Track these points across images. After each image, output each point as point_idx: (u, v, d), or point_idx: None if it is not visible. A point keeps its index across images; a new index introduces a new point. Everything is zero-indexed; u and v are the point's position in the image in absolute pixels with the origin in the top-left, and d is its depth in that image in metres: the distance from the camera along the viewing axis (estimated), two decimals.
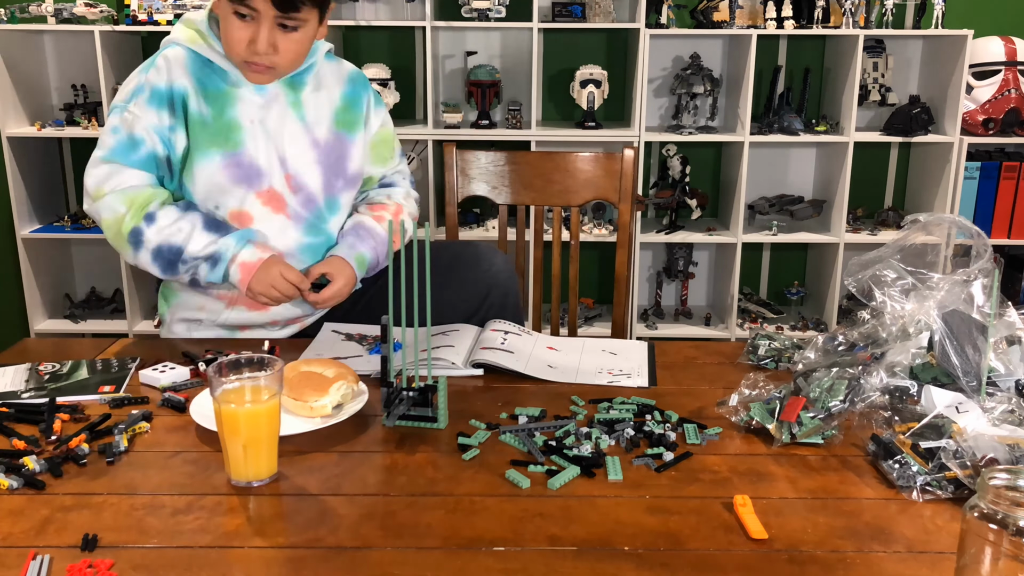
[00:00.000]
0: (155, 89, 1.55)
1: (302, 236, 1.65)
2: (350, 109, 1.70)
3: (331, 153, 1.67)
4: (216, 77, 1.58)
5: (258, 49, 1.48)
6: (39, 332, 3.14)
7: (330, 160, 1.66)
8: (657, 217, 3.31)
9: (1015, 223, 3.05)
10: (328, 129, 1.67)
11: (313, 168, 1.65)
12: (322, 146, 1.66)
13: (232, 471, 1.07)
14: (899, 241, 1.31)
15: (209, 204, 1.60)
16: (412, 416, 1.24)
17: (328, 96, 1.68)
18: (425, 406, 1.23)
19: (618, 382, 1.39)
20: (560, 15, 3.00)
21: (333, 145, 1.67)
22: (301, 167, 1.64)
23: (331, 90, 1.69)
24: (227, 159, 1.57)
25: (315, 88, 1.66)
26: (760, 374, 1.30)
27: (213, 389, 1.06)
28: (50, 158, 3.28)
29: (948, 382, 1.22)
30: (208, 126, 1.55)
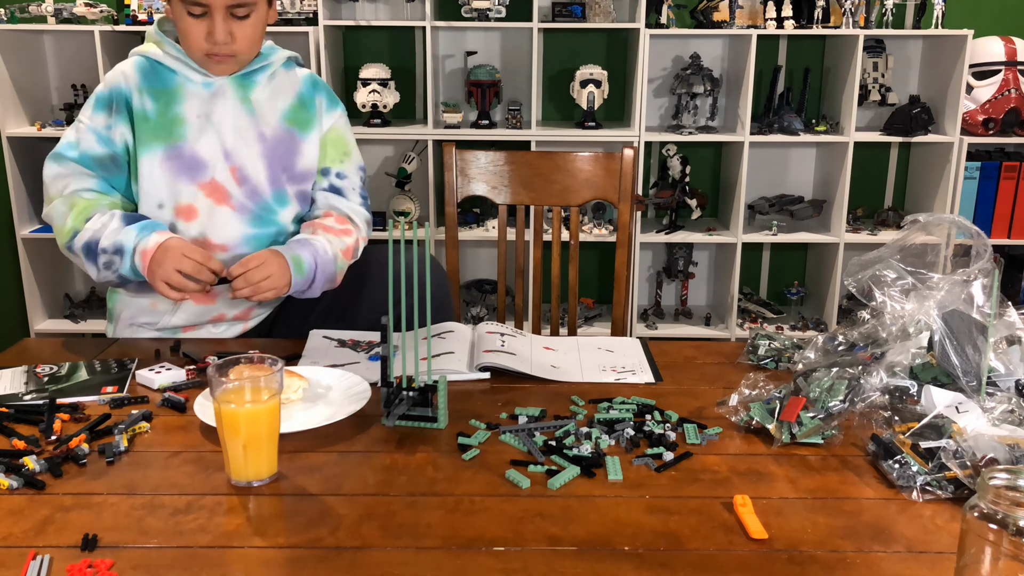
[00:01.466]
0: (98, 96, 1.64)
1: (248, 227, 1.67)
2: (303, 108, 1.72)
3: (278, 147, 1.68)
4: (164, 76, 1.63)
5: (217, 39, 1.54)
6: (39, 332, 3.14)
7: (277, 154, 1.68)
8: (657, 217, 3.31)
9: (1015, 223, 3.05)
10: (277, 125, 1.69)
11: (258, 161, 1.67)
12: (269, 140, 1.67)
13: (232, 471, 1.07)
14: (899, 241, 1.31)
15: (153, 201, 1.62)
16: (412, 416, 1.24)
17: (280, 94, 1.70)
18: (425, 406, 1.23)
19: (624, 379, 1.40)
20: (560, 15, 3.00)
21: (281, 140, 1.69)
22: (246, 159, 1.66)
23: (284, 90, 1.71)
24: (169, 152, 1.60)
25: (266, 86, 1.68)
26: (760, 374, 1.30)
27: (213, 389, 1.06)
28: None
29: (948, 382, 1.22)
30: (151, 121, 1.61)
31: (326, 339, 1.57)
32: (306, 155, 1.71)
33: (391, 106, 3.04)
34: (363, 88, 3.00)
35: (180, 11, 1.55)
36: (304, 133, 1.71)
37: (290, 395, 1.27)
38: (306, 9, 2.93)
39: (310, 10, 2.93)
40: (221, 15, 1.53)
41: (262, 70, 1.67)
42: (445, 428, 1.23)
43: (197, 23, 1.54)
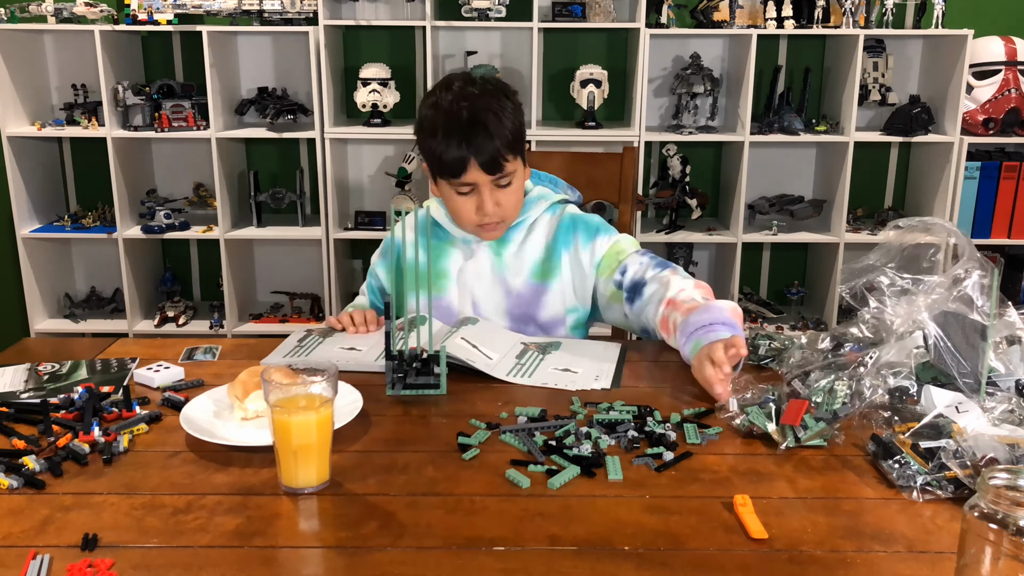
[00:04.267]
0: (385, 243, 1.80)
1: None
2: (547, 259, 1.68)
3: (521, 301, 1.67)
4: (437, 232, 1.69)
5: (487, 212, 1.56)
6: (39, 332, 3.14)
7: (520, 309, 1.67)
8: (657, 217, 3.31)
9: (1015, 223, 3.05)
10: (524, 281, 1.67)
11: (502, 315, 1.67)
12: (514, 296, 1.66)
13: (284, 477, 1.07)
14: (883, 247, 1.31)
15: None
16: (416, 384, 1.33)
17: (529, 247, 1.67)
18: (427, 375, 1.32)
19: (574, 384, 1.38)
20: (560, 15, 3.00)
21: (525, 295, 1.67)
22: (492, 314, 1.66)
23: (535, 242, 1.68)
24: (433, 301, 1.59)
25: (520, 241, 1.67)
26: (745, 375, 1.30)
27: (267, 396, 1.06)
28: (50, 158, 3.28)
29: (948, 382, 1.22)
30: (414, 272, 1.65)
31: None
32: (549, 305, 1.67)
33: (391, 106, 3.04)
34: (363, 88, 3.01)
35: (448, 191, 1.58)
36: (546, 283, 1.67)
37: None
38: (306, 9, 2.93)
39: (310, 10, 2.93)
40: (488, 188, 1.55)
41: (518, 226, 1.66)
42: (445, 393, 1.32)
43: (466, 200, 1.57)
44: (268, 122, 3.07)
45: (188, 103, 3.03)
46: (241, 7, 2.90)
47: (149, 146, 3.31)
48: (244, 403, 1.24)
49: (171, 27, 2.90)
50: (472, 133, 1.49)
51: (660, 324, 1.51)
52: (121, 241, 3.06)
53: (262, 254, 3.42)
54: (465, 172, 1.51)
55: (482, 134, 1.49)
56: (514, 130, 1.53)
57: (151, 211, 3.10)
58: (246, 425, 1.22)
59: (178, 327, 3.16)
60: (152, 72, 3.26)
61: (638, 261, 1.61)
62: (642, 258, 1.61)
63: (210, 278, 3.41)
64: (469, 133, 1.49)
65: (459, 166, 1.51)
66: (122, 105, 2.99)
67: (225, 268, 3.10)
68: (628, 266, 1.61)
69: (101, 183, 3.17)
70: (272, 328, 3.16)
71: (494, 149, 1.50)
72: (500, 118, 1.51)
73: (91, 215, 3.17)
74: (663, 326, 1.50)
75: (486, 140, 1.49)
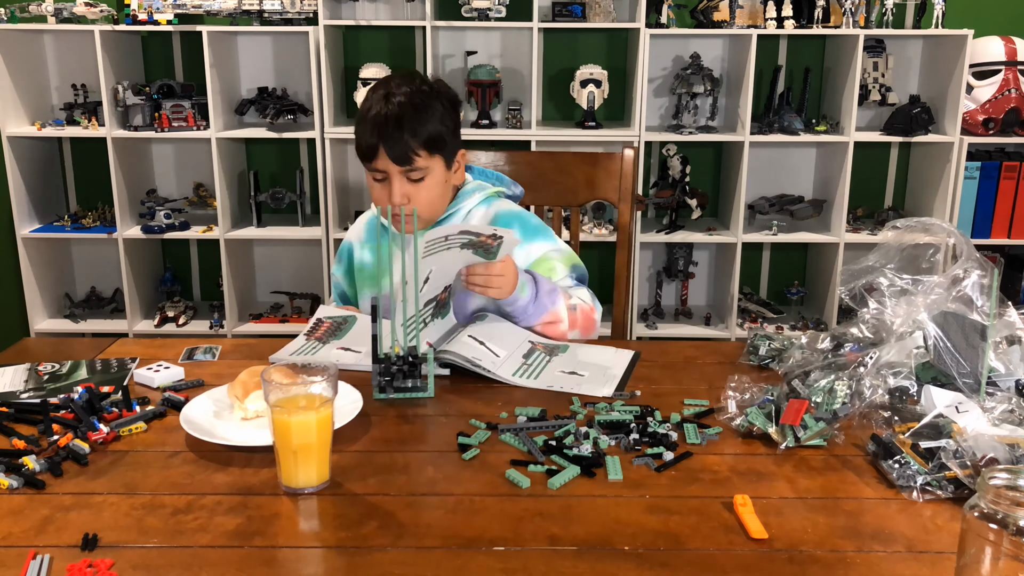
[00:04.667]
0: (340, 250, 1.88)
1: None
2: (477, 254, 1.66)
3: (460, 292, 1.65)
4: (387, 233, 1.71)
5: (394, 202, 1.61)
6: (39, 332, 3.14)
7: (457, 299, 1.65)
8: (657, 217, 3.31)
9: (1015, 223, 3.04)
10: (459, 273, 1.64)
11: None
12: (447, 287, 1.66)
13: (284, 477, 1.07)
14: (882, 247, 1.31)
15: None
16: (403, 388, 1.33)
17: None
18: (415, 377, 1.32)
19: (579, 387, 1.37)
20: (560, 15, 3.00)
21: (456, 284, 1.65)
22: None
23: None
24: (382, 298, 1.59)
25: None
26: (745, 376, 1.29)
27: (267, 396, 1.06)
28: (50, 158, 3.28)
29: (948, 382, 1.22)
30: (364, 271, 1.80)
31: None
32: (478, 297, 1.64)
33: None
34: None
35: (368, 176, 1.65)
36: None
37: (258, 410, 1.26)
38: (306, 9, 2.93)
39: (310, 10, 2.93)
40: (398, 179, 1.60)
41: (450, 216, 1.69)
42: (433, 396, 1.32)
43: (380, 187, 1.63)
44: (268, 122, 3.07)
45: (188, 103, 3.03)
46: (241, 7, 2.90)
47: (149, 146, 3.31)
48: (244, 403, 1.24)
49: (171, 27, 2.90)
50: (384, 124, 1.57)
51: None
52: (121, 241, 3.06)
53: (262, 254, 3.42)
54: (375, 159, 1.59)
55: (394, 127, 1.57)
56: (435, 131, 1.60)
57: (151, 211, 3.10)
58: (246, 425, 1.22)
59: (178, 327, 3.16)
60: (152, 72, 3.26)
61: (567, 284, 1.69)
62: (566, 280, 1.69)
63: (210, 278, 3.41)
64: (383, 124, 1.57)
65: (370, 152, 1.59)
66: (122, 105, 2.99)
67: (225, 268, 3.10)
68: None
69: (101, 183, 3.17)
70: (272, 328, 3.16)
71: (404, 143, 1.57)
72: (420, 116, 1.58)
73: (91, 215, 3.17)
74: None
75: (396, 132, 1.57)
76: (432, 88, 1.64)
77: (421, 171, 1.61)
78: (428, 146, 1.59)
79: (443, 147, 1.63)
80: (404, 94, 1.59)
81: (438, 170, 1.63)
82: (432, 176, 1.63)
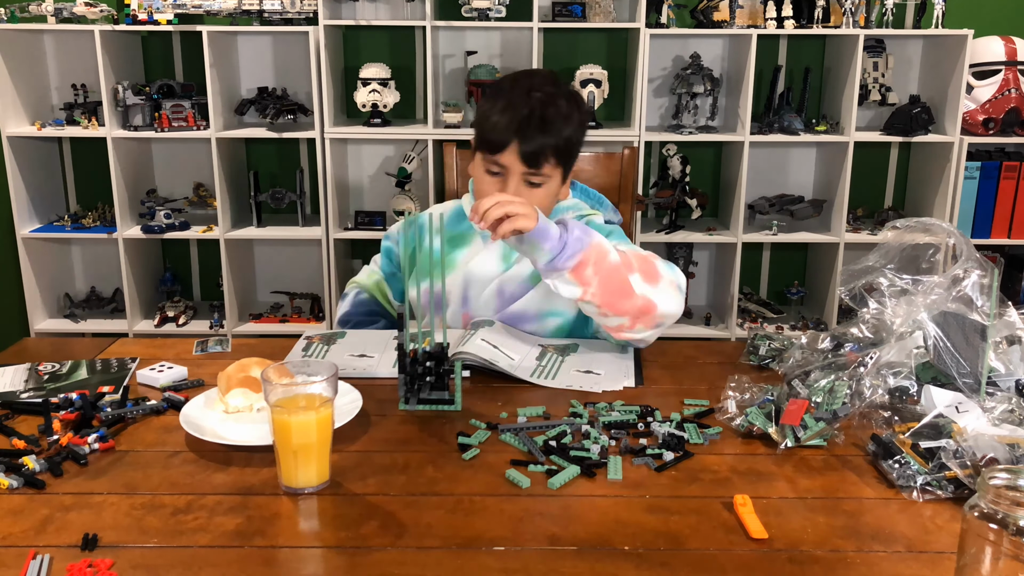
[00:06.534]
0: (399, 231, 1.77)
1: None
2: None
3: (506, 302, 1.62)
4: (463, 223, 1.67)
5: None
6: (39, 332, 3.14)
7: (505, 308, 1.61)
8: (657, 217, 3.31)
9: (1015, 223, 3.04)
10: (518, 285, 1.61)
11: (490, 314, 1.61)
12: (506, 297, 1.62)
13: (284, 477, 1.07)
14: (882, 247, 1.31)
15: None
16: (430, 400, 1.29)
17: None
18: (442, 390, 1.28)
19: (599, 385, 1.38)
20: (560, 15, 3.00)
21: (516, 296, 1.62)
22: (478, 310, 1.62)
23: None
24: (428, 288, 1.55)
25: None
26: (745, 376, 1.30)
27: (267, 396, 1.06)
28: (50, 158, 3.28)
29: (948, 382, 1.22)
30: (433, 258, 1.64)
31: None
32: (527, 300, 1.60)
33: (391, 106, 3.04)
34: (363, 88, 3.00)
35: (480, 168, 1.57)
36: (537, 283, 1.60)
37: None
38: (306, 9, 2.93)
39: (310, 10, 2.93)
40: (517, 179, 1.53)
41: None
42: (460, 410, 1.28)
43: (494, 182, 1.55)
44: (268, 122, 3.07)
45: (188, 103, 3.03)
46: (241, 7, 2.90)
47: (149, 146, 3.31)
48: (225, 398, 1.24)
49: (171, 27, 2.90)
50: (528, 120, 1.49)
51: None
52: (121, 241, 3.06)
53: (262, 254, 3.42)
54: (502, 152, 1.51)
55: (536, 125, 1.49)
56: (568, 140, 1.53)
57: (151, 211, 3.10)
58: (246, 425, 1.22)
59: (178, 327, 3.16)
60: (152, 72, 3.26)
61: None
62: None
63: (210, 278, 3.41)
64: (525, 118, 1.49)
65: (500, 145, 1.51)
66: (122, 105, 2.99)
67: (225, 268, 3.10)
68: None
69: (101, 183, 3.17)
70: (272, 328, 3.16)
71: (540, 144, 1.50)
72: (562, 121, 1.51)
73: (91, 215, 3.16)
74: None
75: (537, 132, 1.49)
76: (575, 95, 1.58)
77: (544, 177, 1.54)
78: (559, 154, 1.53)
79: (570, 158, 1.57)
80: (548, 94, 1.52)
81: (556, 180, 1.58)
82: (548, 185, 1.57)
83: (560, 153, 1.53)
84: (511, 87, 1.55)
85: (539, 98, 1.51)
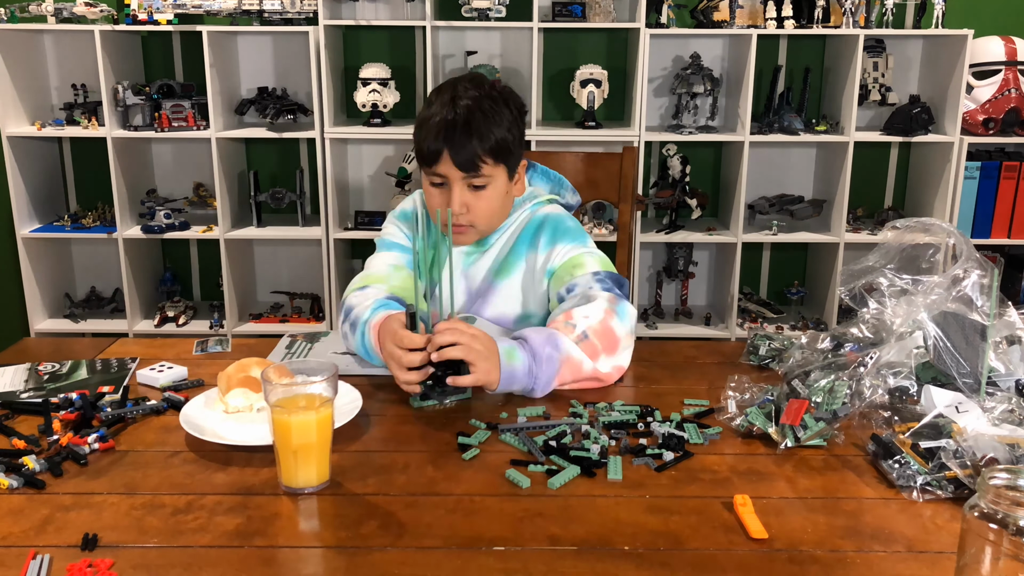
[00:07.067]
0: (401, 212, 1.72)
1: None
2: (508, 256, 1.64)
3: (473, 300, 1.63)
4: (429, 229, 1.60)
5: (453, 210, 1.53)
6: (39, 332, 3.14)
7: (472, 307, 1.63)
8: (657, 217, 3.31)
9: (1015, 223, 3.04)
10: (482, 279, 1.63)
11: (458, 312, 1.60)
12: (472, 294, 1.63)
13: (284, 477, 1.07)
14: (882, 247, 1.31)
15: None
16: (445, 393, 1.31)
17: (497, 245, 1.64)
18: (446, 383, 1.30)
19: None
20: (560, 15, 3.00)
21: (481, 292, 1.63)
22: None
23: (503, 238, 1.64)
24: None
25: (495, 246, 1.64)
26: (745, 376, 1.30)
27: (267, 396, 1.06)
28: (50, 158, 3.28)
29: (948, 382, 1.22)
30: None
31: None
32: (494, 305, 1.61)
33: (391, 106, 3.04)
34: (363, 88, 3.01)
35: (425, 181, 1.59)
36: (499, 281, 1.61)
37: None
38: (306, 9, 2.93)
39: (310, 10, 2.93)
40: (459, 186, 1.53)
41: (499, 232, 1.63)
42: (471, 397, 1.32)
43: (438, 193, 1.56)
44: (268, 122, 3.07)
45: (188, 103, 3.03)
46: (241, 7, 2.90)
47: (149, 146, 3.31)
48: (225, 398, 1.24)
49: (171, 27, 2.90)
50: (452, 128, 1.50)
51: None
52: (121, 241, 3.06)
53: (262, 254, 3.42)
54: (437, 163, 1.52)
55: (462, 131, 1.50)
56: (502, 138, 1.52)
57: (151, 211, 3.10)
58: (246, 424, 1.22)
59: (178, 327, 3.16)
60: (152, 72, 3.26)
61: (589, 283, 1.49)
62: (594, 280, 1.50)
63: (210, 278, 3.41)
64: (450, 127, 1.50)
65: (433, 157, 1.52)
66: (122, 105, 2.99)
67: (225, 268, 3.10)
68: (577, 285, 1.51)
69: (101, 183, 3.17)
70: (272, 328, 3.16)
71: (471, 149, 1.50)
72: (489, 121, 1.51)
73: (91, 215, 3.17)
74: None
75: (464, 137, 1.50)
76: (500, 94, 1.57)
77: (485, 179, 1.54)
78: (494, 154, 1.52)
79: (508, 156, 1.56)
80: (472, 98, 1.52)
81: (500, 180, 1.57)
82: (494, 186, 1.56)
83: (495, 153, 1.52)
84: (436, 99, 1.56)
85: (464, 104, 1.51)
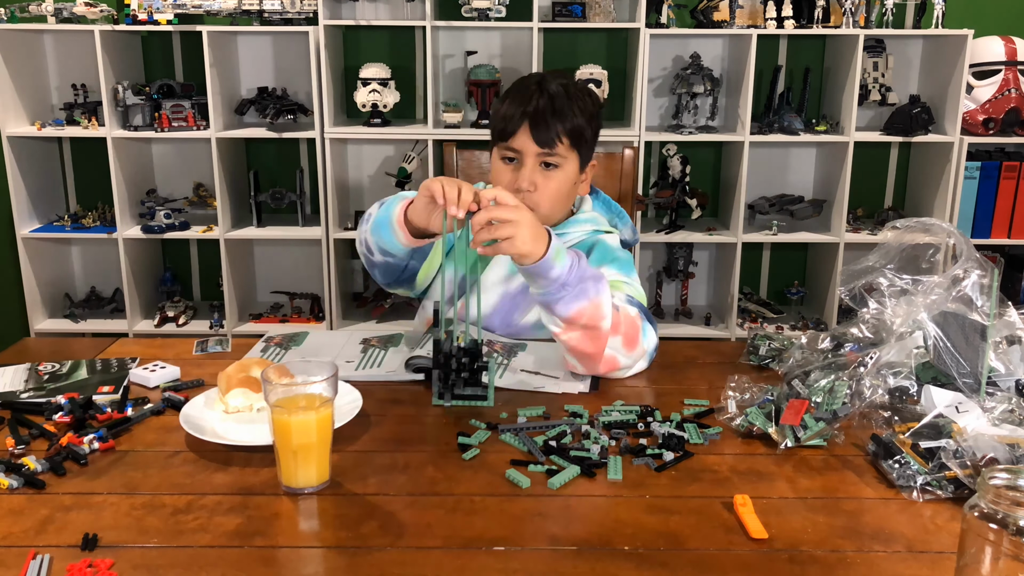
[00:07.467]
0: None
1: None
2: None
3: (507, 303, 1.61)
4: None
5: (520, 186, 1.54)
6: (39, 332, 3.14)
7: (506, 310, 1.61)
8: (657, 217, 3.31)
9: (1015, 223, 3.04)
10: (520, 285, 1.60)
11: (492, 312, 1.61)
12: (508, 298, 1.61)
13: (284, 477, 1.07)
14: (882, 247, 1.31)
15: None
16: (464, 395, 1.31)
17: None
18: (476, 385, 1.30)
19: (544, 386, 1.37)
20: (560, 15, 3.00)
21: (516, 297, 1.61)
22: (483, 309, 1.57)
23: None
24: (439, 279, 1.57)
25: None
26: (744, 376, 1.29)
27: (267, 396, 1.06)
28: (50, 158, 3.28)
29: (948, 382, 1.22)
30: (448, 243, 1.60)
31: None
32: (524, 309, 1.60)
33: (391, 106, 3.04)
34: (363, 88, 3.01)
35: (496, 159, 1.59)
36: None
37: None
38: (306, 9, 2.93)
39: (310, 10, 2.93)
40: (532, 162, 1.55)
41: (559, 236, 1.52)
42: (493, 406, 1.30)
43: (509, 169, 1.57)
44: (268, 122, 3.07)
45: (188, 103, 3.03)
46: (241, 7, 2.90)
47: (149, 146, 3.31)
48: (225, 398, 1.24)
49: (171, 27, 2.90)
50: (537, 104, 1.52)
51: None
52: (121, 241, 3.06)
53: (262, 254, 3.42)
54: (515, 136, 1.53)
55: (546, 105, 1.52)
56: (580, 125, 1.55)
57: (151, 211, 3.10)
58: (246, 424, 1.22)
59: (178, 327, 3.16)
60: (152, 72, 3.26)
61: (623, 301, 1.45)
62: (627, 302, 1.45)
63: (210, 278, 3.41)
64: (535, 103, 1.52)
65: (512, 125, 1.53)
66: (122, 105, 2.99)
67: (225, 268, 3.10)
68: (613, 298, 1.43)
69: (101, 183, 3.17)
70: (272, 328, 3.15)
71: (552, 125, 1.51)
72: (573, 105, 1.54)
73: (91, 215, 3.17)
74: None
75: (547, 114, 1.52)
76: (586, 89, 1.61)
77: (559, 159, 1.55)
78: (572, 136, 1.54)
79: (583, 144, 1.58)
80: (560, 84, 1.56)
81: (572, 167, 1.58)
82: (564, 170, 1.57)
83: (573, 136, 1.55)
84: (523, 82, 1.60)
85: (550, 88, 1.55)
